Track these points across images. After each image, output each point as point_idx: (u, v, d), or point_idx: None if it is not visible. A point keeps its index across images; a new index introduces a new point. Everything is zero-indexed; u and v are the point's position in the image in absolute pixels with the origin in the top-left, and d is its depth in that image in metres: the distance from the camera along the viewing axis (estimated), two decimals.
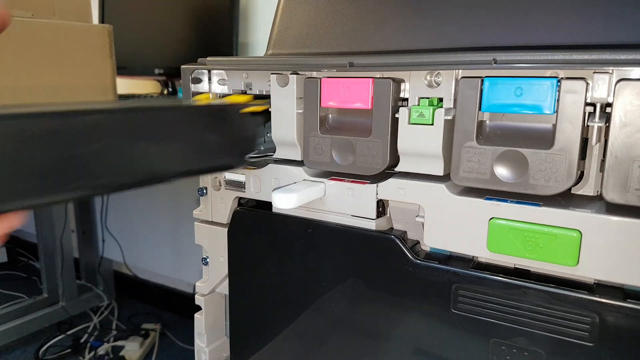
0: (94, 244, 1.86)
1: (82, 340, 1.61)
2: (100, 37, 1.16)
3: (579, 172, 0.36)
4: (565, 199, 0.37)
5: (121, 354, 1.50)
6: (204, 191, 0.52)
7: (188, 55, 1.35)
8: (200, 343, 0.56)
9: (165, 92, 1.36)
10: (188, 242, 1.65)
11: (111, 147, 0.30)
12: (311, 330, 0.47)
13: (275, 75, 0.44)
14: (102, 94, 1.17)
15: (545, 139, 0.35)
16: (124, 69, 1.27)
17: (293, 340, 0.49)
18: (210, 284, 0.54)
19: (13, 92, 1.00)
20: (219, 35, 1.31)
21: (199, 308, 0.55)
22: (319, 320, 0.47)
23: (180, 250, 1.68)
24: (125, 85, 1.47)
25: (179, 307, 1.74)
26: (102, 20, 1.43)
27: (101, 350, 1.54)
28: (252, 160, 0.48)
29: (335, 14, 0.50)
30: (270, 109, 0.46)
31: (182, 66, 0.49)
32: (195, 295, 0.55)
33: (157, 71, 1.34)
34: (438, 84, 0.39)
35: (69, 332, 1.63)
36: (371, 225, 0.43)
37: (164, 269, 1.75)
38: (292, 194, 0.41)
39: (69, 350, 1.56)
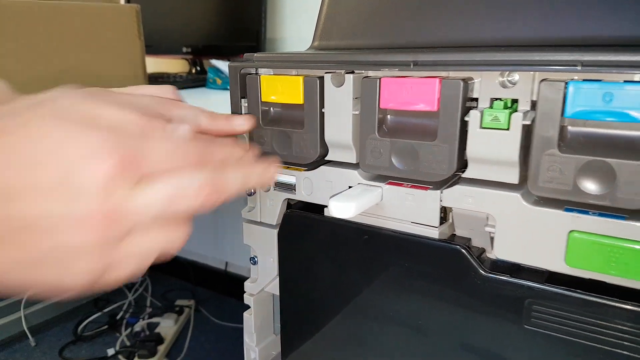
0: None
1: (118, 317, 1.64)
2: (128, 18, 1.14)
3: None
4: None
5: (156, 330, 1.52)
6: (252, 191, 0.51)
7: (216, 33, 1.31)
8: (250, 342, 0.55)
9: (194, 70, 1.33)
10: (221, 220, 1.66)
11: None
12: (365, 336, 0.46)
13: (329, 75, 0.42)
14: (132, 74, 1.15)
15: (635, 148, 0.32)
16: (150, 47, 1.23)
17: (345, 341, 0.48)
18: (260, 284, 0.53)
19: (45, 76, 0.98)
20: (246, 12, 1.28)
21: (247, 307, 0.54)
22: (373, 327, 0.45)
23: (214, 228, 1.69)
24: (153, 64, 1.44)
25: (212, 283, 1.76)
26: None
27: (137, 327, 1.57)
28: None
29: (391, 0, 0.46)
30: (324, 110, 0.43)
31: (229, 63, 0.46)
32: (244, 295, 0.54)
33: (184, 49, 1.30)
34: (513, 84, 0.35)
35: (105, 310, 1.66)
36: (434, 233, 0.40)
37: (197, 246, 1.76)
38: (350, 203, 0.39)
39: (106, 326, 1.60)
